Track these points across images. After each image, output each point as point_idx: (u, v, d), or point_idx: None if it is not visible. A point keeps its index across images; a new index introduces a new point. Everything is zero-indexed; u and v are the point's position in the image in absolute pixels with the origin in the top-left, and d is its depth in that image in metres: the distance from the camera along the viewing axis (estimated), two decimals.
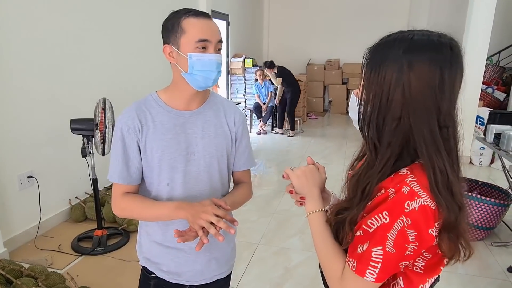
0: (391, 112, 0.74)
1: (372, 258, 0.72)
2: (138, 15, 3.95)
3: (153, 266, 1.22)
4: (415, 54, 0.71)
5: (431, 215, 0.70)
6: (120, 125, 1.13)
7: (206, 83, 1.11)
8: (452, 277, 2.57)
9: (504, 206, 2.89)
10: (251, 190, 1.34)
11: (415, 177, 0.72)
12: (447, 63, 0.70)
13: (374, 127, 0.77)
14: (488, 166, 5.06)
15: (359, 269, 0.73)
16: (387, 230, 0.71)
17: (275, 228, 3.23)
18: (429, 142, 0.72)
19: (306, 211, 0.89)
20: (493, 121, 3.23)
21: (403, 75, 0.71)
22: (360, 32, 8.33)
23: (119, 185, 1.14)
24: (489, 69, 6.72)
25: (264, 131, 6.93)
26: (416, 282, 0.78)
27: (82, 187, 3.35)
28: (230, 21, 7.10)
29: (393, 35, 0.76)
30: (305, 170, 0.92)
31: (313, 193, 0.90)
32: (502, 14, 6.08)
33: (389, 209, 0.71)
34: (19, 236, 2.79)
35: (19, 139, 2.76)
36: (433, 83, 0.70)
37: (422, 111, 0.71)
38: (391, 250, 0.71)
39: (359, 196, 0.79)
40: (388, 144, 0.75)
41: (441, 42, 0.71)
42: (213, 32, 1.08)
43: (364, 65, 0.78)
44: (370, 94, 0.76)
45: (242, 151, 1.26)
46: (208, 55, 1.07)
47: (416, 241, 0.70)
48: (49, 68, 2.95)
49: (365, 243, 0.73)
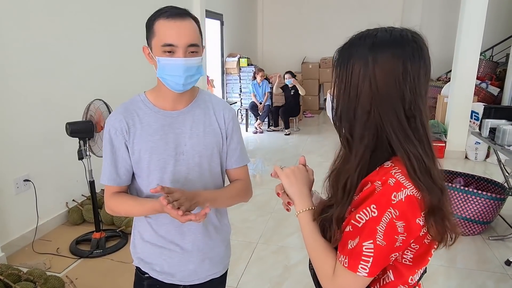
0: (360, 106, 0.76)
1: (364, 252, 0.72)
2: (133, 16, 3.93)
3: (146, 266, 1.22)
4: (379, 49, 0.74)
5: (417, 204, 0.71)
6: (108, 128, 1.13)
7: (177, 87, 1.09)
8: (450, 271, 2.58)
9: (500, 200, 2.91)
10: (250, 187, 1.32)
11: (399, 168, 0.74)
12: (409, 55, 0.73)
13: (346, 121, 0.80)
14: (484, 161, 5.08)
15: (351, 265, 0.74)
16: (376, 223, 0.72)
17: (273, 227, 3.23)
18: (398, 131, 0.74)
19: (296, 210, 0.89)
20: (488, 116, 3.26)
21: (368, 69, 0.74)
22: (354, 30, 8.19)
23: (109, 186, 1.17)
24: (482, 64, 6.75)
25: (260, 130, 6.93)
26: (406, 274, 0.79)
27: (79, 189, 3.33)
28: (224, 20, 7.09)
29: (359, 34, 0.79)
30: (294, 169, 0.94)
31: (302, 192, 0.90)
32: (494, 9, 6.11)
33: (377, 202, 0.72)
34: (17, 240, 2.78)
35: (14, 142, 2.74)
36: (396, 75, 0.73)
37: (389, 102, 0.74)
38: (381, 243, 0.72)
39: (340, 192, 0.80)
40: (361, 137, 0.77)
41: (403, 36, 0.75)
42: (181, 36, 1.04)
43: (333, 64, 0.82)
44: (341, 90, 0.80)
45: (233, 148, 1.24)
46: (174, 59, 1.05)
47: (404, 231, 0.71)
48: (44, 71, 2.93)
49: (355, 238, 0.74)
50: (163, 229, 1.18)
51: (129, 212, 1.17)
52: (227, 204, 1.26)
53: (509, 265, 2.63)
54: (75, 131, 2.57)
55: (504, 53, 7.04)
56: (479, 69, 6.39)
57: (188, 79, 1.08)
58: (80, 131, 2.58)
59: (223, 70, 7.30)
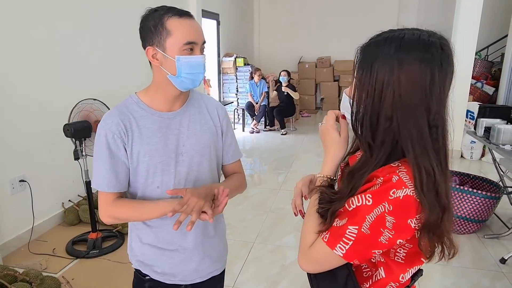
0: (383, 112, 0.74)
1: (346, 235, 0.73)
2: (129, 17, 3.92)
3: (147, 268, 1.21)
4: (405, 54, 0.71)
5: (414, 206, 0.71)
6: (104, 132, 1.08)
7: (193, 84, 1.10)
8: (446, 269, 2.60)
9: (495, 198, 2.93)
10: (245, 180, 1.34)
11: (405, 168, 0.74)
12: (437, 62, 0.70)
13: (367, 126, 0.77)
14: (479, 160, 5.12)
15: (330, 241, 0.75)
16: (367, 212, 0.72)
17: (270, 226, 3.23)
18: (416, 142, 0.72)
19: (320, 172, 0.89)
20: (483, 115, 3.28)
21: (393, 75, 0.71)
22: (350, 30, 8.38)
23: (108, 193, 1.10)
24: (478, 64, 6.78)
25: (257, 130, 6.93)
26: (397, 272, 0.80)
27: (75, 190, 3.32)
28: (221, 20, 7.08)
29: (383, 34, 0.76)
30: (333, 127, 0.89)
31: (335, 157, 0.87)
32: (489, 8, 6.14)
33: (374, 192, 0.73)
34: (12, 241, 2.76)
35: (10, 143, 2.72)
36: (423, 84, 0.70)
37: (412, 111, 0.72)
38: (365, 231, 0.72)
39: (348, 190, 0.79)
40: (381, 143, 0.76)
41: (431, 42, 0.71)
42: (198, 33, 1.07)
43: (356, 65, 0.78)
44: (363, 94, 0.76)
45: (229, 144, 1.27)
46: (196, 57, 1.06)
47: (392, 229, 0.71)
48: (40, 72, 2.92)
49: (343, 219, 0.75)
50: (164, 231, 1.17)
51: (138, 218, 1.13)
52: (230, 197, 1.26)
53: (504, 263, 2.65)
54: (76, 132, 2.55)
55: (499, 53, 7.08)
56: (475, 69, 6.42)
57: (203, 76, 1.12)
58: (79, 132, 2.58)
59: (219, 70, 7.29)
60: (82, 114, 2.61)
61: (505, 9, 6.72)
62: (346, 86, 8.69)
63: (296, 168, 4.82)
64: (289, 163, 5.07)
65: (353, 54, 0.79)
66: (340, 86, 8.81)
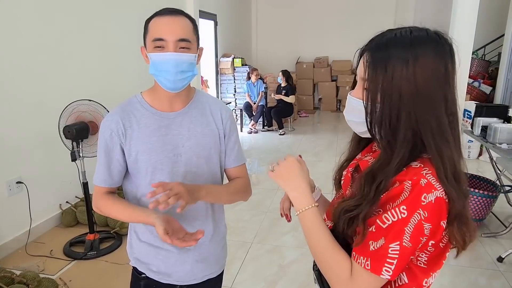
0: (403, 107, 0.74)
1: (389, 254, 0.70)
2: (125, 17, 3.92)
3: (143, 266, 1.22)
4: (419, 48, 0.73)
5: (445, 207, 0.71)
6: (103, 129, 1.13)
7: (167, 84, 1.08)
8: (443, 268, 2.59)
9: (492, 197, 2.94)
10: (249, 186, 1.33)
11: (429, 169, 0.73)
12: (448, 54, 0.74)
13: (387, 125, 0.76)
14: (477, 159, 5.13)
15: (374, 267, 0.71)
16: (404, 224, 0.70)
17: (268, 226, 3.23)
18: (436, 132, 0.73)
19: (296, 209, 0.83)
20: (480, 114, 3.27)
21: (409, 70, 0.72)
22: (348, 30, 8.40)
23: (100, 186, 1.17)
24: (475, 63, 6.81)
25: (255, 130, 6.93)
26: (421, 277, 0.78)
27: (72, 191, 3.31)
28: (218, 21, 7.08)
29: (388, 34, 0.76)
30: (285, 165, 0.87)
31: (300, 188, 0.84)
32: (486, 8, 6.16)
33: (408, 203, 0.70)
34: (10, 243, 2.75)
35: (6, 144, 2.71)
36: (439, 74, 0.73)
37: (430, 102, 0.73)
38: (407, 245, 0.70)
39: (373, 192, 0.75)
40: (403, 139, 0.75)
41: (439, 36, 0.75)
42: (170, 30, 1.03)
43: (366, 66, 0.76)
44: (378, 94, 0.75)
45: (231, 147, 1.25)
46: (163, 54, 1.04)
47: (429, 234, 0.71)
48: (36, 73, 2.91)
49: (379, 239, 0.71)
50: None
51: (117, 217, 1.17)
52: (228, 200, 1.25)
53: (501, 261, 2.66)
54: (79, 134, 2.55)
55: (496, 52, 7.11)
56: (471, 68, 6.45)
57: (179, 75, 1.06)
58: (79, 133, 2.57)
59: (217, 70, 7.29)
60: (74, 115, 2.60)
61: (501, 9, 6.74)
62: (344, 86, 8.70)
63: None
64: None
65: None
66: (338, 86, 8.82)
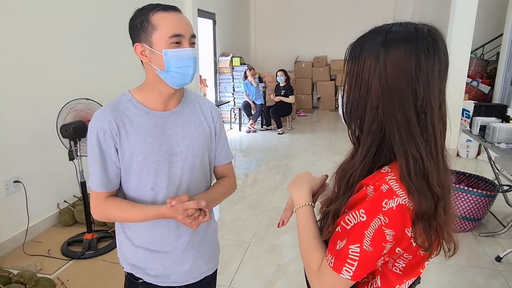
0: (370, 100, 0.74)
1: (349, 255, 0.71)
2: (120, 15, 3.90)
3: (139, 271, 1.19)
4: (391, 41, 0.72)
5: (408, 215, 0.69)
6: (95, 130, 1.06)
7: (184, 80, 1.07)
8: (442, 268, 2.60)
9: (491, 197, 2.94)
10: (235, 181, 1.34)
11: (395, 175, 0.72)
12: (423, 49, 0.70)
13: (356, 117, 0.78)
14: (475, 158, 5.14)
15: (336, 266, 0.73)
16: (364, 228, 0.70)
17: (266, 226, 3.23)
18: (402, 128, 0.71)
19: (294, 205, 0.91)
20: (478, 114, 3.28)
21: (379, 63, 0.72)
22: (347, 29, 8.39)
23: (100, 192, 1.09)
24: (473, 63, 6.82)
25: (254, 129, 6.93)
26: (393, 282, 0.78)
27: (70, 190, 3.30)
28: (217, 19, 7.07)
29: (374, 28, 0.77)
30: (297, 175, 0.96)
31: (300, 189, 0.91)
32: (484, 7, 6.16)
33: (366, 207, 0.71)
34: (7, 243, 2.74)
35: (4, 143, 2.70)
36: (409, 69, 0.70)
37: (398, 97, 0.71)
38: (368, 249, 0.70)
39: (343, 187, 0.80)
40: (368, 132, 0.75)
41: (418, 30, 0.72)
42: (185, 26, 1.04)
43: (345, 58, 0.79)
44: (352, 85, 0.77)
45: (222, 145, 1.26)
46: (184, 49, 1.03)
47: (393, 240, 0.70)
48: (32, 72, 2.90)
49: (343, 240, 0.73)
50: (157, 232, 1.16)
51: (127, 218, 1.11)
52: (219, 203, 1.28)
53: (499, 261, 2.66)
54: (77, 133, 2.53)
55: (495, 52, 7.11)
56: (470, 67, 6.45)
57: (195, 70, 1.08)
58: (77, 132, 2.56)
59: (216, 70, 7.28)
60: (72, 114, 2.59)
61: (500, 8, 6.75)
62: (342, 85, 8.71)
63: (293, 168, 4.82)
64: (285, 162, 5.06)
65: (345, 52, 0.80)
66: (337, 85, 8.82)
